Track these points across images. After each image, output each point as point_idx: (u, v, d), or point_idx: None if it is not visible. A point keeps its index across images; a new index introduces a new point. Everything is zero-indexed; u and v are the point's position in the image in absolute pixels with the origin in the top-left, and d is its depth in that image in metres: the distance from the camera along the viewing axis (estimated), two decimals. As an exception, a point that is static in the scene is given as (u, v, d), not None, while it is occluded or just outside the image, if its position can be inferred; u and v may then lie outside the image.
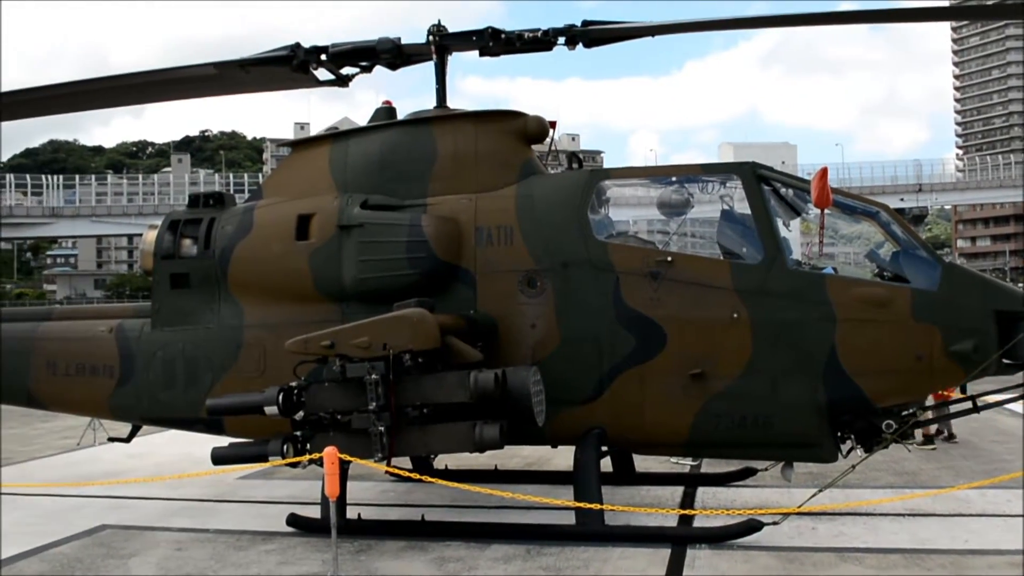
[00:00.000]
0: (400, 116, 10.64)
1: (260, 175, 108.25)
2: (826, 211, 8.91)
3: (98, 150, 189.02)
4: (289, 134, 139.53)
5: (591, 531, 9.03)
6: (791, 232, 10.28)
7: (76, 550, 9.34)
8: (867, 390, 8.87)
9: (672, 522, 9.80)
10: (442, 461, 11.91)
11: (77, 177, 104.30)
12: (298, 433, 8.92)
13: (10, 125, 14.76)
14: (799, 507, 9.14)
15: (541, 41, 10.03)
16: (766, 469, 11.37)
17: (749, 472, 11.65)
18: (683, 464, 12.87)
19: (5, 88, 10.70)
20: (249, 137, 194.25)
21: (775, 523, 9.01)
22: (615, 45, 10.37)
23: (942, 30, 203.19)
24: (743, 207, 9.52)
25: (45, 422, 19.99)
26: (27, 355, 11.35)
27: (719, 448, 9.66)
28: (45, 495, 11.90)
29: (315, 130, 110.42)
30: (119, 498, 11.59)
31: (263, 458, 8.99)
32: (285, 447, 8.82)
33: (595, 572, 8.15)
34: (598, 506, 8.87)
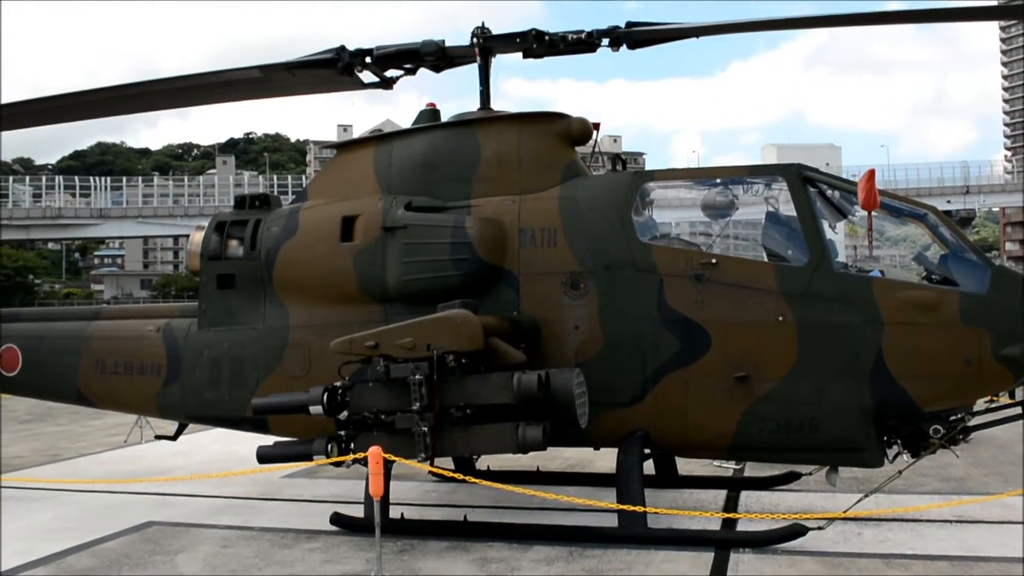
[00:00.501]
0: (443, 118, 10.69)
1: (304, 177, 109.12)
2: (873, 213, 8.81)
3: (145, 152, 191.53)
4: (332, 136, 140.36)
5: (634, 534, 9.00)
6: (837, 234, 10.20)
7: (124, 546, 9.48)
8: (914, 394, 8.76)
9: (715, 526, 9.74)
10: (484, 462, 11.93)
11: (124, 179, 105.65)
12: (342, 433, 8.97)
13: (59, 128, 15.12)
14: (844, 512, 9.07)
15: (585, 43, 10.02)
16: (810, 473, 11.26)
17: (793, 476, 11.56)
18: (726, 467, 12.80)
19: (54, 93, 10.82)
20: (293, 139, 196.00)
21: (820, 528, 8.95)
22: (658, 46, 10.34)
23: (990, 30, 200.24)
24: (789, 209, 9.45)
25: (94, 419, 20.33)
26: (77, 354, 11.54)
27: (763, 452, 9.60)
28: (93, 491, 12.12)
29: (358, 132, 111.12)
30: (166, 495, 11.75)
31: (307, 457, 9.06)
32: (329, 446, 8.87)
33: (638, 575, 8.13)
34: (641, 509, 8.85)
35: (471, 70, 10.62)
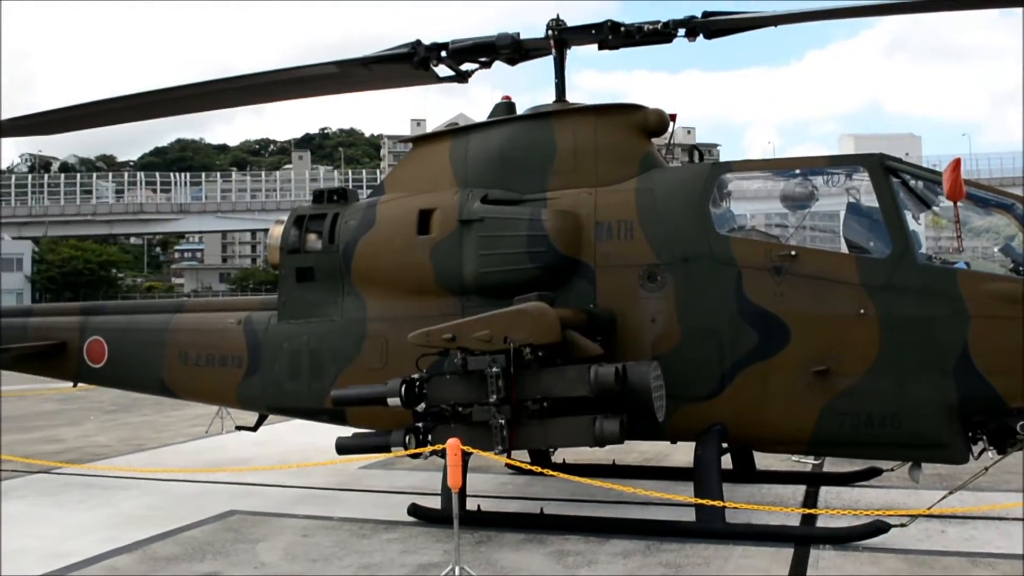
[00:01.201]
0: (518, 111, 10.69)
1: (378, 171, 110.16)
2: (959, 204, 8.61)
3: (223, 148, 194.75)
4: (406, 130, 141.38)
5: (712, 528, 8.93)
6: (920, 225, 9.98)
7: (207, 534, 9.67)
8: (1001, 389, 8.52)
9: (795, 521, 9.63)
10: (560, 455, 11.93)
11: (203, 174, 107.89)
12: (419, 424, 9.03)
13: (140, 125, 15.63)
14: (928, 509, 8.88)
15: (661, 33, 9.92)
16: (892, 469, 11.07)
17: (874, 472, 11.36)
18: (805, 463, 12.62)
19: (136, 91, 11.06)
20: (367, 134, 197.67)
21: (903, 525, 8.77)
22: (734, 36, 10.21)
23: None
24: (870, 200, 9.28)
25: (176, 410, 20.78)
26: (161, 346, 11.81)
27: (844, 447, 9.42)
28: (177, 480, 12.38)
29: (431, 126, 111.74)
30: (246, 485, 11.97)
31: (386, 449, 9.14)
32: (407, 438, 8.94)
33: (716, 570, 8.06)
34: (719, 503, 8.77)
35: (545, 62, 10.63)
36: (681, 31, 9.84)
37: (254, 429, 12.24)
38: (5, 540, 9.59)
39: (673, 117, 10.28)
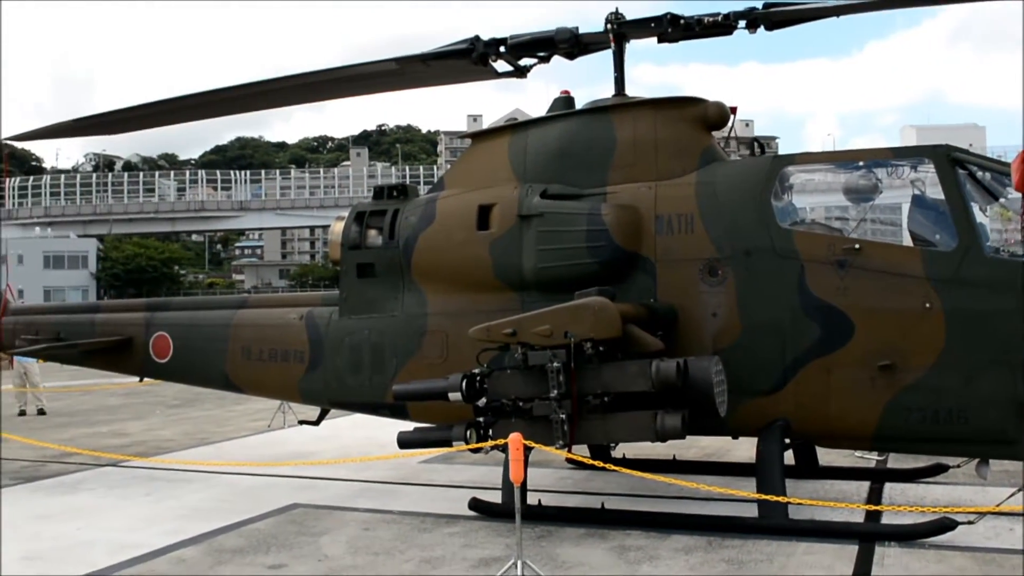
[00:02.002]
0: (576, 106, 10.66)
1: (435, 167, 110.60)
2: (1029, 196, 8.42)
3: (281, 146, 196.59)
4: (462, 126, 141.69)
5: (775, 524, 8.84)
6: (988, 218, 9.79)
7: (271, 527, 9.79)
8: None
9: (859, 518, 9.50)
10: (620, 450, 11.90)
11: (263, 172, 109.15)
12: (480, 419, 9.06)
13: (201, 124, 15.88)
14: (996, 506, 8.71)
15: (721, 25, 9.83)
16: (958, 466, 10.85)
17: (940, 468, 11.17)
18: (868, 459, 12.47)
19: (197, 91, 11.23)
20: (424, 130, 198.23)
21: (970, 522, 8.60)
22: (794, 27, 10.09)
23: None
24: (936, 192, 9.11)
25: (238, 405, 21.10)
26: (224, 341, 11.98)
27: (909, 443, 9.27)
28: (240, 474, 12.57)
29: (488, 122, 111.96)
30: (309, 478, 12.13)
31: (447, 443, 9.18)
32: (468, 433, 8.98)
33: (779, 567, 7.98)
34: (782, 499, 8.68)
35: (602, 56, 10.60)
36: (741, 23, 9.74)
37: (316, 423, 12.38)
38: (76, 531, 9.83)
39: (734, 110, 10.19)
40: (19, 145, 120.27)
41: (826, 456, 11.67)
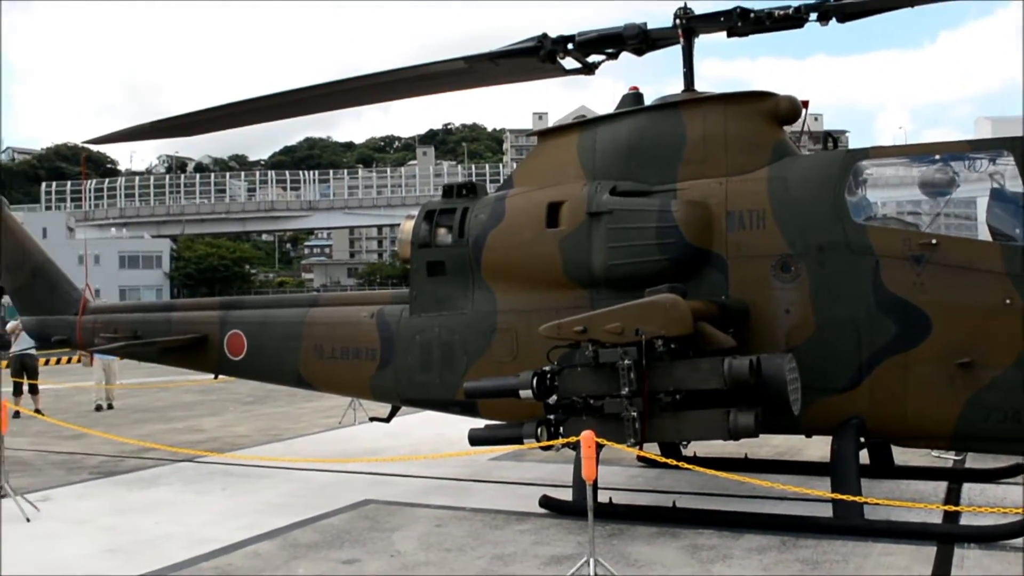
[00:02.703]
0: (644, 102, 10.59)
1: (501, 165, 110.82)
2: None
3: (349, 146, 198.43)
4: (528, 124, 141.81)
5: (850, 524, 8.70)
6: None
7: (344, 522, 9.90)
8: None
9: (936, 519, 9.32)
10: (691, 448, 11.83)
11: (331, 172, 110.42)
12: (551, 417, 9.05)
13: (270, 125, 16.17)
14: (1081, 507, 8.49)
15: (792, 18, 9.69)
16: (1040, 466, 10.62)
17: (1020, 469, 10.89)
18: (945, 458, 12.23)
19: (268, 92, 11.39)
20: (489, 128, 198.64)
21: (1052, 523, 8.41)
22: (864, 19, 9.91)
23: None
24: (1015, 185, 8.90)
25: (309, 402, 21.36)
26: (297, 339, 12.14)
27: (988, 442, 9.07)
28: (313, 470, 12.70)
29: (553, 119, 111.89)
30: (380, 475, 12.26)
31: (518, 440, 9.19)
32: (539, 430, 8.97)
33: (855, 568, 7.86)
34: (859, 499, 8.55)
35: (668, 53, 10.53)
36: (813, 15, 9.59)
37: (387, 420, 12.48)
38: (154, 525, 10.03)
39: (805, 104, 10.05)
40: (95, 148, 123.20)
41: (901, 455, 11.47)
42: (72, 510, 10.92)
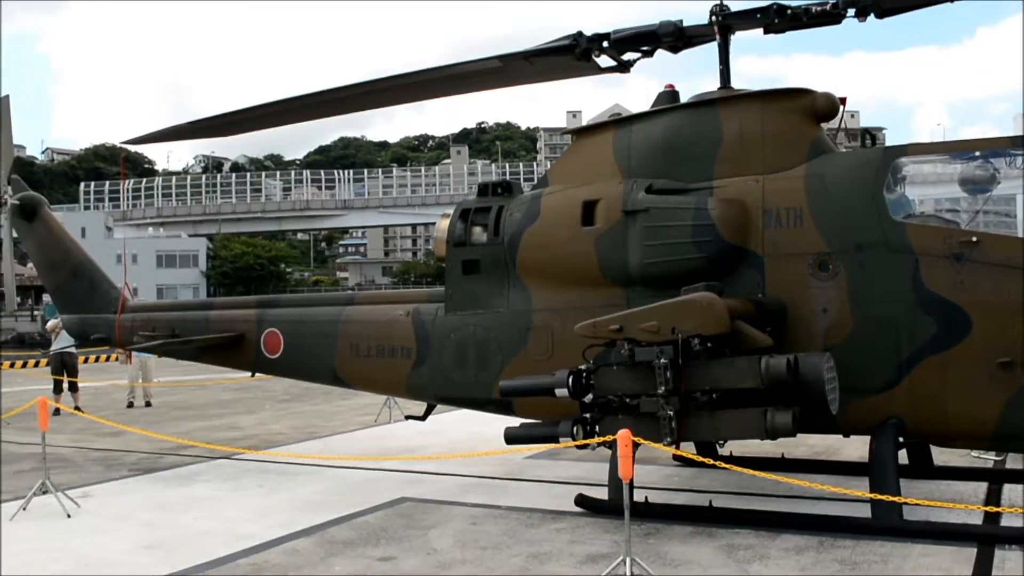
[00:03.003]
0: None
1: (535, 164, 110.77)
2: None
3: (383, 145, 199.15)
4: (561, 123, 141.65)
5: (889, 525, 8.62)
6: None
7: (380, 520, 9.94)
8: None
9: (976, 520, 9.21)
10: (727, 447, 11.76)
11: (365, 171, 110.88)
12: (587, 415, 9.04)
13: (305, 124, 16.28)
14: None
15: (830, 14, 9.59)
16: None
17: (1064, 469, 10.77)
18: (986, 458, 12.08)
19: (303, 92, 11.44)
20: (523, 127, 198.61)
21: (1096, 524, 8.29)
22: (902, 15, 9.79)
23: None
24: (1059, 182, 8.79)
25: (344, 400, 21.47)
26: (334, 337, 12.20)
27: None
28: (349, 467, 12.78)
29: (586, 118, 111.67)
30: (416, 473, 12.28)
31: (553, 439, 9.19)
32: (575, 429, 8.97)
33: (894, 569, 7.79)
34: (898, 499, 8.47)
35: (702, 51, 10.47)
36: (851, 11, 9.50)
37: (423, 419, 12.51)
38: (193, 521, 10.13)
39: (843, 100, 9.97)
40: (133, 148, 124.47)
41: (940, 455, 11.34)
42: (112, 506, 11.05)
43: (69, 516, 10.34)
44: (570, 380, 8.80)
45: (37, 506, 10.56)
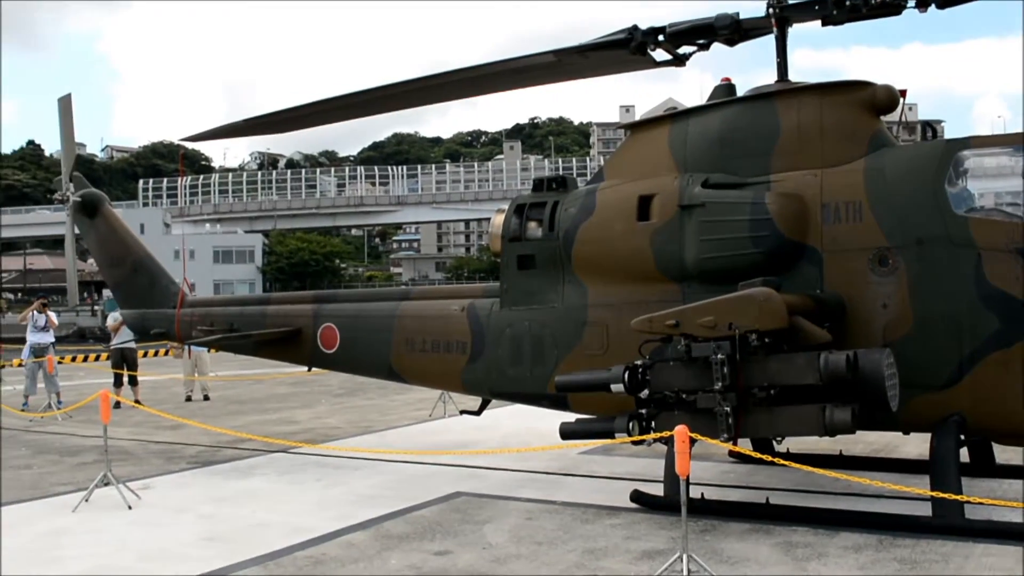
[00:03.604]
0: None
1: (587, 159, 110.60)
2: None
3: (436, 141, 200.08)
4: (614, 117, 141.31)
5: (950, 524, 8.48)
6: None
7: (435, 514, 9.98)
8: None
9: (1041, 519, 9.05)
10: (784, 444, 11.65)
11: (419, 167, 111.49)
12: (643, 411, 9.00)
13: (358, 121, 16.41)
14: None
15: (889, 4, 9.42)
16: None
17: None
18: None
19: (357, 89, 11.52)
20: (576, 122, 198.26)
21: None
22: (963, 5, 9.60)
23: None
24: None
25: (399, 394, 21.57)
26: (389, 332, 12.26)
27: None
28: (404, 462, 12.87)
29: (640, 112, 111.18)
30: (470, 467, 12.33)
31: (609, 435, 9.16)
32: (631, 424, 8.93)
33: (956, 568, 7.67)
34: (960, 497, 8.33)
35: (757, 44, 10.37)
36: (911, 1, 9.36)
37: (478, 413, 12.54)
38: (251, 514, 10.25)
39: (903, 93, 9.80)
40: (190, 146, 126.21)
41: (1003, 454, 11.14)
42: (172, 498, 11.21)
43: (130, 508, 10.51)
44: (626, 375, 8.76)
45: (99, 497, 10.75)
